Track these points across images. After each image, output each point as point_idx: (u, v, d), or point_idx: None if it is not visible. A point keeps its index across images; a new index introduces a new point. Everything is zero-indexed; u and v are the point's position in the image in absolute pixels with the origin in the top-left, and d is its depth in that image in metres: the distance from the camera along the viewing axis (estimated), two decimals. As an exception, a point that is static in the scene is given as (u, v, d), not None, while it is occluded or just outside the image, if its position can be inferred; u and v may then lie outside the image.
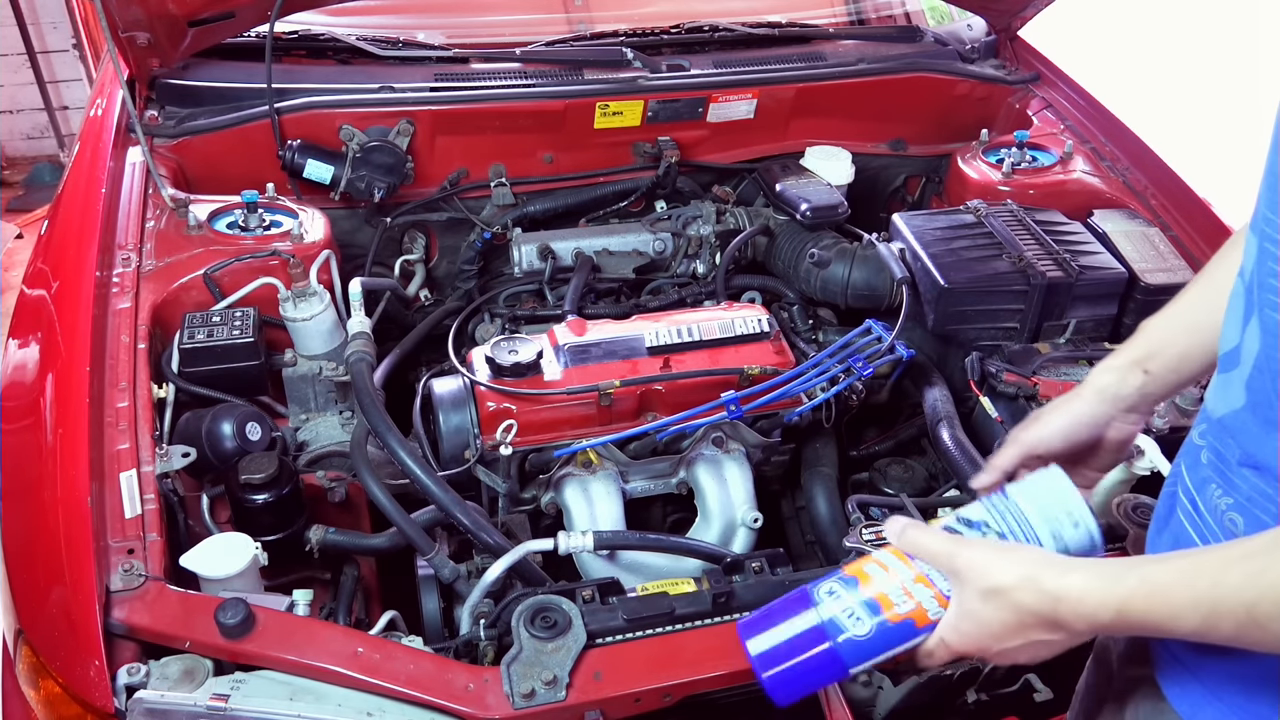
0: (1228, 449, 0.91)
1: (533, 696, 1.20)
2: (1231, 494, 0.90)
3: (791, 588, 1.37)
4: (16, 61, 4.76)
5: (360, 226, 2.30)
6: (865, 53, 2.49)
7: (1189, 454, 1.00)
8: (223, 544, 1.38)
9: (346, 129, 2.15)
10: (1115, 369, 1.14)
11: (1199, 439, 0.97)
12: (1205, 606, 0.79)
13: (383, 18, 2.46)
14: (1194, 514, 0.96)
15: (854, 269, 2.04)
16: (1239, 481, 0.89)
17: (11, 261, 4.11)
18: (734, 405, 1.68)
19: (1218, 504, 0.92)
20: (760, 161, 2.43)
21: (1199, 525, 0.96)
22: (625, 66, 2.31)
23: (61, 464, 1.37)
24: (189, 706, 1.16)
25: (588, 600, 1.34)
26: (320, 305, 1.82)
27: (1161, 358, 1.11)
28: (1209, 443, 0.95)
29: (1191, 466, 0.98)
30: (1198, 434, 0.98)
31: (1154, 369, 1.11)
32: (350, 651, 1.22)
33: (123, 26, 1.96)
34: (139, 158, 2.01)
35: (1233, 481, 0.90)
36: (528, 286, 2.19)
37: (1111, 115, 2.39)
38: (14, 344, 1.65)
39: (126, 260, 1.77)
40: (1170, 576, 0.83)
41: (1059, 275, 1.85)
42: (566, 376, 1.72)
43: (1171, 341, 1.11)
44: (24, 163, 5.10)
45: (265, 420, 1.66)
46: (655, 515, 1.84)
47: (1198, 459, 0.97)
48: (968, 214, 2.05)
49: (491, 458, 1.67)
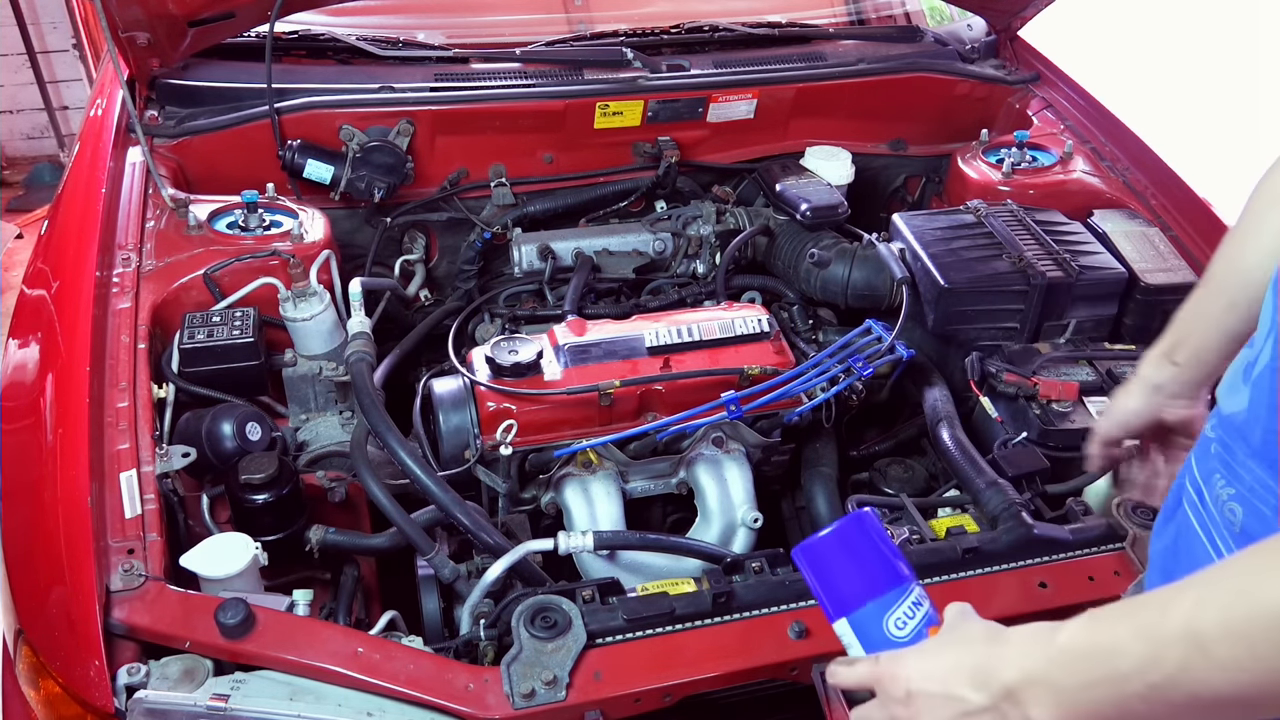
0: (1235, 442, 0.91)
1: (533, 696, 1.20)
2: (1234, 484, 0.90)
3: (791, 588, 1.38)
4: (16, 61, 4.76)
5: (360, 226, 2.30)
6: (865, 53, 2.49)
7: (1200, 446, 1.00)
8: (223, 544, 1.38)
9: (346, 129, 2.15)
10: (1152, 361, 1.24)
11: (1210, 432, 0.98)
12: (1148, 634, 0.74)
13: (383, 18, 2.46)
14: (1198, 504, 0.97)
15: (854, 269, 2.04)
16: (1243, 473, 0.89)
17: (11, 261, 4.11)
18: (734, 405, 1.68)
19: (1220, 494, 0.92)
20: (760, 161, 2.43)
21: (1202, 515, 0.96)
22: (625, 66, 2.31)
23: (61, 464, 1.37)
24: (189, 706, 1.16)
25: (588, 600, 1.34)
26: (320, 305, 1.82)
27: (1184, 349, 1.20)
28: (1218, 435, 0.95)
29: (1201, 458, 0.99)
30: (1209, 427, 0.99)
31: (1180, 359, 1.20)
32: (350, 651, 1.22)
33: (123, 26, 1.96)
34: (139, 158, 2.01)
35: (1237, 472, 0.90)
36: (528, 286, 2.19)
37: (1111, 115, 2.39)
38: (14, 344, 1.65)
39: (126, 260, 1.77)
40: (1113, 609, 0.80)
41: (1059, 275, 1.85)
42: (566, 376, 1.72)
43: (1190, 332, 1.19)
44: (24, 163, 5.09)
45: (265, 420, 1.66)
46: (655, 515, 1.84)
47: (1207, 450, 0.97)
48: (968, 214, 2.05)
49: (491, 458, 1.67)
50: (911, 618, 0.98)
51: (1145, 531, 1.45)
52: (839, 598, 1.00)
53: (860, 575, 1.00)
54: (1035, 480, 1.61)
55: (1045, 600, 1.39)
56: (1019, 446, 1.67)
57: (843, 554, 1.01)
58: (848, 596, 1.00)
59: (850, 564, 1.00)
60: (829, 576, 1.01)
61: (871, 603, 0.98)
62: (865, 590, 0.99)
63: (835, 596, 1.01)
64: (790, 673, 1.31)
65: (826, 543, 1.02)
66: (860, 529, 1.02)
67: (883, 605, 0.98)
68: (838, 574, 1.01)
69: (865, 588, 0.99)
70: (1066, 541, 1.48)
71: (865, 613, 0.98)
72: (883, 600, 0.98)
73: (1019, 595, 1.40)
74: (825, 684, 1.29)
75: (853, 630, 0.99)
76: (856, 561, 1.00)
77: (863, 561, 1.00)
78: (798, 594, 1.38)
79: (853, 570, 1.00)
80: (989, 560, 1.45)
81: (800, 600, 1.37)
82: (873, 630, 0.98)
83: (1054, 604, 1.37)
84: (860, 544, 1.01)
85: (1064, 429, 1.67)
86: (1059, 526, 1.51)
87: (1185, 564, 0.98)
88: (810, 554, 1.02)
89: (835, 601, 1.00)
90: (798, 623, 1.32)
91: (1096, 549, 1.47)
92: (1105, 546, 1.47)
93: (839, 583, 1.00)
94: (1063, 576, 1.43)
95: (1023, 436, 1.69)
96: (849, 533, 1.01)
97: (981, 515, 1.58)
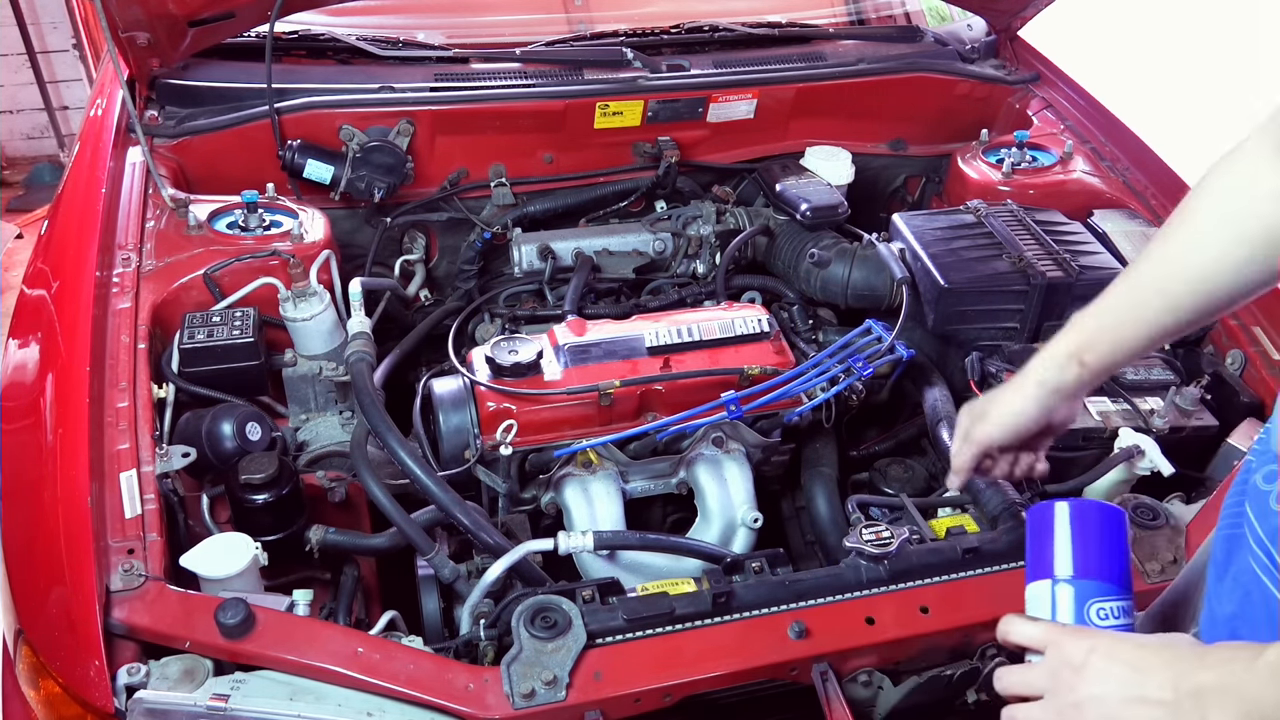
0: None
1: (533, 696, 1.20)
2: None
3: (791, 588, 1.38)
4: (16, 61, 4.76)
5: (360, 226, 2.30)
6: (865, 53, 2.49)
7: (1255, 498, 0.94)
8: (223, 544, 1.38)
9: (346, 129, 2.15)
10: (1052, 361, 1.18)
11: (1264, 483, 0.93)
12: None
13: (383, 18, 2.46)
14: (1271, 567, 0.91)
15: (854, 269, 2.04)
16: None
17: (11, 261, 4.11)
18: (734, 405, 1.68)
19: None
20: (760, 161, 2.43)
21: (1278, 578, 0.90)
22: (625, 66, 2.31)
23: (61, 464, 1.37)
24: (189, 706, 1.16)
25: (588, 600, 1.34)
26: (320, 305, 1.82)
27: (1098, 349, 1.16)
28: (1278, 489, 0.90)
29: (1262, 515, 0.93)
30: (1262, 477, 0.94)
31: (1089, 360, 1.16)
32: (350, 651, 1.22)
33: (123, 26, 1.95)
34: (139, 158, 2.01)
35: None
36: (528, 286, 2.19)
37: (1111, 115, 2.39)
38: (14, 344, 1.65)
39: (126, 260, 1.77)
40: None
41: (1059, 275, 1.85)
42: (566, 376, 1.72)
43: (1108, 332, 1.15)
44: (24, 163, 5.09)
45: (265, 420, 1.66)
46: (655, 515, 1.84)
47: (1267, 505, 0.91)
48: (968, 214, 2.05)
49: (491, 458, 1.67)
50: (1116, 618, 0.98)
51: (1145, 532, 1.45)
52: (1062, 561, 0.99)
53: (1099, 556, 0.99)
54: (1035, 480, 1.61)
55: (1045, 600, 1.38)
56: (1019, 446, 1.67)
57: (1096, 529, 1.01)
58: (1074, 564, 0.99)
59: (1096, 541, 1.00)
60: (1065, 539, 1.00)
61: (1095, 581, 0.98)
62: (1096, 570, 0.99)
63: (1058, 558, 1.00)
64: (790, 673, 1.31)
65: (1091, 509, 1.02)
66: (1121, 523, 1.02)
67: (1101, 590, 0.98)
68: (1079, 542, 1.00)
69: (1096, 568, 0.99)
70: (1066, 541, 1.48)
71: (1083, 587, 0.98)
72: (1105, 587, 0.98)
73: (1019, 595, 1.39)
74: (825, 684, 1.29)
75: (1053, 594, 0.99)
76: (1103, 544, 1.00)
77: (1109, 548, 1.00)
78: (798, 594, 1.38)
79: (1094, 548, 1.00)
80: (989, 560, 1.45)
81: (800, 600, 1.37)
82: (1077, 604, 0.98)
83: (1054, 604, 1.37)
84: (1115, 534, 1.01)
85: (1064, 429, 1.67)
86: (1059, 526, 1.51)
87: (1265, 632, 0.91)
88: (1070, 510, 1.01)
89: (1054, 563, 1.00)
90: (798, 623, 1.31)
91: (1096, 549, 1.47)
92: (1105, 546, 1.47)
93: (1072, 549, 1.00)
94: (1063, 576, 1.42)
95: (1023, 436, 1.69)
96: (1112, 518, 1.02)
97: (981, 515, 1.58)
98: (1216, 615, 1.00)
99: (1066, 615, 0.98)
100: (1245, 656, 0.79)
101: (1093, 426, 1.67)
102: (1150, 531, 1.45)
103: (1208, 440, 1.71)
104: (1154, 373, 1.78)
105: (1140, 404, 1.71)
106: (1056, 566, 1.00)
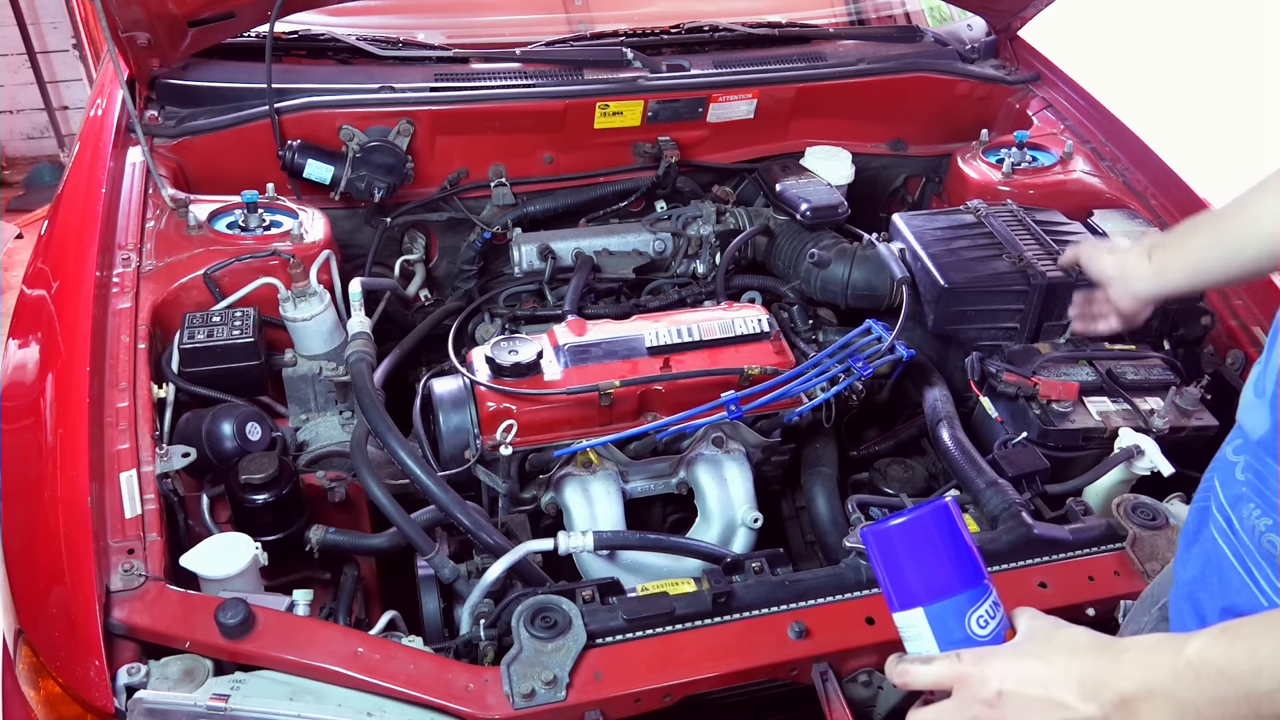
0: (1267, 469, 0.88)
1: (533, 696, 1.20)
2: (1270, 514, 0.87)
3: (791, 588, 1.38)
4: (16, 61, 4.77)
5: (360, 226, 2.30)
6: (865, 53, 2.49)
7: (1222, 469, 0.96)
8: (223, 544, 1.38)
9: (346, 129, 2.15)
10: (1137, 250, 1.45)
11: (1233, 454, 0.94)
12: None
13: (383, 18, 2.46)
14: (1228, 531, 0.93)
15: (854, 269, 2.04)
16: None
17: (11, 261, 4.11)
18: (734, 405, 1.68)
19: (1255, 524, 0.89)
20: (760, 161, 2.43)
21: (1234, 543, 0.92)
22: (625, 66, 2.31)
23: (61, 464, 1.37)
24: (189, 706, 1.16)
25: (588, 600, 1.34)
26: (320, 305, 1.82)
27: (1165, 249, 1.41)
28: (1245, 460, 0.92)
29: (1226, 482, 0.95)
30: (1231, 449, 0.95)
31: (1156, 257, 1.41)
32: (350, 651, 1.22)
33: (123, 26, 1.96)
34: (139, 158, 2.01)
35: (1272, 502, 0.87)
36: (528, 286, 2.19)
37: (1111, 115, 2.39)
38: (14, 344, 1.65)
39: (126, 260, 1.77)
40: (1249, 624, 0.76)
41: (1059, 275, 1.85)
42: (566, 376, 1.72)
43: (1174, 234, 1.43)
44: (24, 163, 5.10)
45: (265, 420, 1.66)
46: (655, 515, 1.84)
47: (1232, 475, 0.94)
48: (968, 214, 2.05)
49: (491, 458, 1.67)
50: (993, 618, 0.94)
51: (1145, 531, 1.46)
52: (913, 588, 0.95)
53: (943, 566, 0.94)
54: (1035, 480, 1.61)
55: (1045, 600, 1.39)
56: (1019, 446, 1.67)
57: (924, 542, 0.95)
58: (925, 587, 0.94)
59: (932, 553, 0.95)
60: (903, 564, 0.95)
61: (956, 596, 0.93)
62: (948, 583, 0.94)
63: (908, 586, 0.95)
64: (790, 673, 1.31)
65: (907, 529, 0.95)
66: (948, 519, 0.95)
67: (967, 601, 0.93)
68: (915, 562, 0.95)
69: (948, 580, 0.94)
70: (1066, 541, 1.48)
71: (947, 606, 0.93)
72: (968, 595, 0.93)
73: (1019, 595, 1.39)
74: (825, 684, 1.29)
75: (929, 623, 0.94)
76: (939, 552, 0.95)
77: (946, 553, 0.95)
78: (798, 594, 1.38)
79: (934, 560, 0.94)
80: (989, 560, 1.43)
81: (800, 600, 1.37)
82: (953, 626, 0.93)
83: (1054, 604, 1.37)
84: (946, 534, 0.95)
85: (1064, 429, 1.67)
86: (1059, 526, 1.51)
87: (1217, 594, 0.94)
88: (883, 538, 0.96)
89: (908, 591, 0.95)
90: (798, 623, 1.32)
91: (1096, 549, 1.47)
92: (1105, 546, 1.47)
93: (915, 572, 0.95)
94: (1063, 577, 1.43)
95: (1023, 436, 1.69)
96: (934, 521, 0.95)
97: (981, 515, 1.58)
98: (1180, 580, 1.02)
99: (953, 639, 0.93)
100: (1165, 658, 0.79)
101: (1093, 426, 1.67)
102: (1150, 531, 1.46)
103: (1208, 440, 1.70)
104: (1154, 373, 1.78)
105: (1140, 404, 1.71)
106: (920, 593, 0.95)
